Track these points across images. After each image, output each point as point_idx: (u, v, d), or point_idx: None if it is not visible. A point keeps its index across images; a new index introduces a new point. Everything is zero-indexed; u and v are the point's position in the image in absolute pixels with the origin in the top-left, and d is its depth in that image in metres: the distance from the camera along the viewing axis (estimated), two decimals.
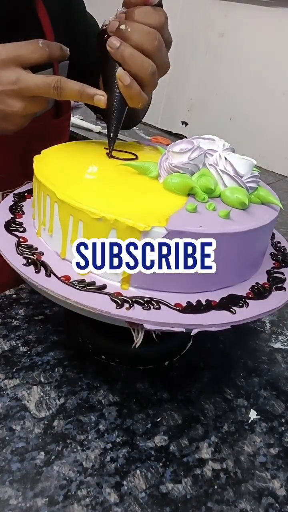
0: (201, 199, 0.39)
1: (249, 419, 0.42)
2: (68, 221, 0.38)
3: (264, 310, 0.37)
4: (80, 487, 0.34)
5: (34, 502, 0.33)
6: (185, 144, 0.42)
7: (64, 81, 0.44)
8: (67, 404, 0.41)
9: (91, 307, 0.34)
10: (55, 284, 0.36)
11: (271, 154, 1.32)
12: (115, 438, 0.38)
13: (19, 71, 0.43)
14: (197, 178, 0.40)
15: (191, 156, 0.40)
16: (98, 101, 0.45)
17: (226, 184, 0.41)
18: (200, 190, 0.40)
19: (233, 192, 0.39)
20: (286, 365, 0.50)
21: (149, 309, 0.35)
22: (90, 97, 0.45)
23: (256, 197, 0.42)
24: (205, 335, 0.34)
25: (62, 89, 0.43)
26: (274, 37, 1.23)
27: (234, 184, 0.40)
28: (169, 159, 0.42)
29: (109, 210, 0.35)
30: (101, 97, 0.45)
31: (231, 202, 0.39)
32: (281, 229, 0.79)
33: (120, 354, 0.46)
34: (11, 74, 0.42)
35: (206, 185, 0.39)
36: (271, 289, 0.40)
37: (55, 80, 0.43)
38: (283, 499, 0.36)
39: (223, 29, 1.35)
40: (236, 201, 0.39)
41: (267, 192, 0.42)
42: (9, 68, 0.42)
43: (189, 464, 0.37)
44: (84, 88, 0.45)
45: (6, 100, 0.43)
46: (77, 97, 0.45)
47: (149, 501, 0.34)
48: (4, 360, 0.44)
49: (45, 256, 0.40)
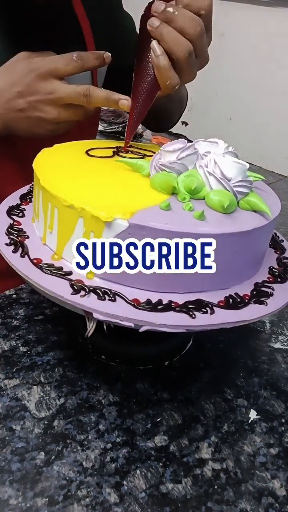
0: (181, 199, 0.39)
1: (249, 419, 0.42)
2: (47, 207, 0.40)
3: (229, 320, 0.35)
4: (80, 487, 0.34)
5: (34, 502, 0.33)
6: (178, 144, 0.42)
7: (93, 90, 0.47)
8: (67, 404, 0.41)
9: (47, 289, 0.36)
10: (24, 264, 0.39)
11: (271, 154, 1.32)
12: (115, 438, 0.38)
13: (54, 82, 0.47)
14: (183, 178, 0.40)
15: (180, 156, 0.40)
16: (123, 105, 0.48)
17: (212, 186, 0.40)
18: (184, 190, 0.40)
19: (216, 194, 0.39)
20: (286, 365, 0.50)
21: (104, 299, 0.35)
22: (115, 102, 0.48)
23: (245, 203, 0.40)
24: (205, 335, 0.34)
25: (91, 97, 0.47)
26: (274, 37, 1.23)
27: (220, 187, 0.39)
28: (161, 158, 0.42)
29: (81, 200, 0.37)
30: (125, 101, 0.48)
31: (213, 205, 0.39)
32: (281, 229, 0.79)
33: (120, 354, 0.46)
34: (47, 85, 0.47)
35: (188, 185, 0.39)
36: (250, 301, 0.38)
37: (84, 89, 0.47)
38: (283, 499, 0.36)
39: (223, 29, 1.35)
40: (217, 203, 0.38)
41: (259, 199, 0.40)
42: (46, 80, 0.47)
43: (189, 464, 0.37)
44: (110, 95, 0.48)
45: (44, 108, 0.48)
46: (104, 103, 0.48)
47: (149, 501, 0.34)
48: (4, 360, 0.44)
49: (29, 239, 0.42)
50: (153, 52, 0.45)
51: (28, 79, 0.47)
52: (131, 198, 0.39)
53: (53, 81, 0.47)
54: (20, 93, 0.48)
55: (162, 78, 0.46)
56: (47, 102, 0.48)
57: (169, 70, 0.45)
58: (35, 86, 0.47)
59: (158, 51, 0.44)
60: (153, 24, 0.44)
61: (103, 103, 0.48)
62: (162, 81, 0.46)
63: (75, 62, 0.47)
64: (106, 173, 0.44)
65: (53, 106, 0.48)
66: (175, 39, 0.44)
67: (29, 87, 0.48)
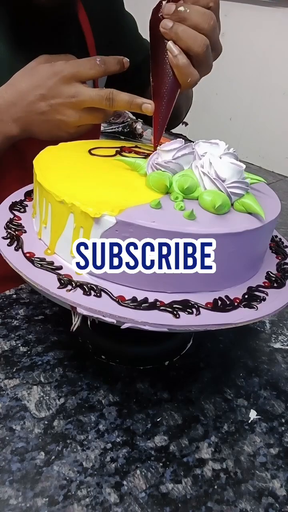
0: (174, 198, 0.39)
1: (249, 419, 0.42)
2: (42, 203, 0.40)
3: (214, 323, 0.35)
4: (80, 487, 0.34)
5: (34, 502, 0.33)
6: (175, 144, 0.42)
7: (116, 93, 0.47)
8: (67, 404, 0.41)
9: (35, 282, 0.36)
10: (17, 257, 0.39)
11: (271, 154, 1.32)
12: (115, 438, 0.38)
13: (77, 86, 0.48)
14: (178, 177, 0.40)
15: (175, 155, 0.40)
16: (146, 109, 0.48)
17: (206, 187, 0.40)
18: (178, 189, 0.40)
19: (209, 195, 0.38)
20: (286, 365, 0.50)
21: (89, 295, 0.36)
22: (138, 106, 0.48)
23: (240, 205, 0.40)
24: (205, 335, 0.34)
25: (113, 101, 0.47)
26: (274, 37, 1.23)
27: (214, 187, 0.39)
28: (158, 157, 0.42)
29: (72, 195, 0.37)
30: (149, 105, 0.48)
31: (205, 205, 0.38)
32: (281, 229, 0.79)
33: (120, 354, 0.46)
34: (71, 88, 0.47)
35: (181, 185, 0.39)
36: (239, 305, 0.38)
37: (107, 93, 0.47)
38: (283, 499, 0.36)
39: (223, 29, 1.34)
40: (209, 203, 0.38)
41: (254, 201, 0.40)
42: (69, 83, 0.48)
43: (189, 464, 0.37)
44: (133, 99, 0.48)
45: (66, 111, 0.48)
46: (127, 107, 0.48)
47: (149, 501, 0.34)
48: (4, 360, 0.44)
49: (26, 234, 0.43)
50: (170, 52, 0.45)
51: (51, 82, 0.47)
52: (124, 196, 0.39)
53: (76, 84, 0.47)
54: (43, 96, 0.48)
55: (182, 77, 0.46)
56: (69, 106, 0.48)
57: (188, 67, 0.45)
58: (58, 89, 0.48)
59: (176, 51, 0.45)
60: (166, 26, 0.44)
61: (126, 107, 0.48)
62: (183, 79, 0.46)
63: (98, 66, 0.48)
64: (105, 171, 0.44)
65: (74, 110, 0.48)
66: (192, 36, 0.44)
67: (52, 90, 0.48)
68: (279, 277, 0.43)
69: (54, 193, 0.38)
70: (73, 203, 0.36)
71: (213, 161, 0.39)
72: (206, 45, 0.45)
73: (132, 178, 0.43)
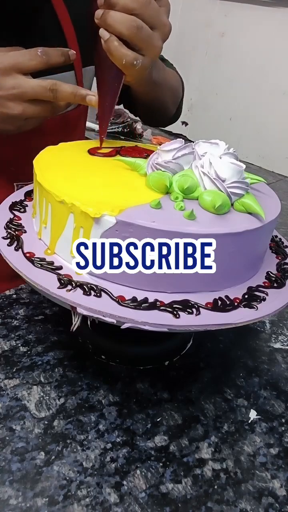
0: (174, 198, 0.39)
1: (249, 419, 0.42)
2: (42, 203, 0.40)
3: (214, 323, 0.35)
4: (80, 487, 0.34)
5: (34, 502, 0.33)
6: (175, 144, 0.42)
7: (59, 84, 0.47)
8: (67, 404, 0.41)
9: (35, 282, 0.36)
10: (17, 257, 0.39)
11: (271, 154, 1.32)
12: (115, 438, 0.38)
13: (18, 77, 0.46)
14: (178, 177, 0.40)
15: (175, 155, 0.40)
16: (90, 101, 0.48)
17: (206, 187, 0.40)
18: (178, 189, 0.39)
19: (209, 195, 0.38)
20: (286, 365, 0.50)
21: (89, 295, 0.36)
22: (83, 97, 0.48)
23: (240, 205, 0.40)
24: (205, 335, 0.34)
25: (57, 91, 0.47)
26: (274, 37, 1.23)
27: (214, 187, 0.39)
28: (158, 157, 0.42)
29: (72, 195, 0.37)
30: (93, 97, 0.48)
31: (205, 205, 0.38)
32: (281, 229, 0.79)
33: (120, 354, 0.46)
34: (10, 80, 0.46)
35: (181, 185, 0.39)
36: (239, 305, 0.38)
37: (50, 84, 0.46)
38: (283, 499, 0.36)
39: (223, 29, 1.35)
40: (209, 203, 0.38)
41: (254, 200, 0.40)
42: (9, 74, 0.46)
43: (189, 464, 0.37)
44: (77, 90, 0.47)
45: (7, 103, 0.46)
46: (71, 98, 0.48)
47: (149, 501, 0.34)
48: (4, 360, 0.44)
49: (26, 234, 0.43)
50: (102, 38, 0.44)
51: None
52: (124, 196, 0.39)
53: (16, 76, 0.46)
54: None
55: (116, 59, 0.45)
56: (10, 98, 0.46)
57: (120, 48, 0.44)
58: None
59: (106, 35, 0.44)
60: (97, 16, 0.44)
61: (70, 98, 0.48)
62: (118, 62, 0.45)
63: (39, 57, 0.46)
64: (105, 171, 0.44)
65: (17, 102, 0.47)
66: (118, 20, 0.43)
67: None
68: (279, 277, 0.43)
69: (54, 193, 0.38)
70: (73, 203, 0.36)
71: (213, 161, 0.39)
72: (134, 26, 0.43)
73: (132, 178, 0.43)
